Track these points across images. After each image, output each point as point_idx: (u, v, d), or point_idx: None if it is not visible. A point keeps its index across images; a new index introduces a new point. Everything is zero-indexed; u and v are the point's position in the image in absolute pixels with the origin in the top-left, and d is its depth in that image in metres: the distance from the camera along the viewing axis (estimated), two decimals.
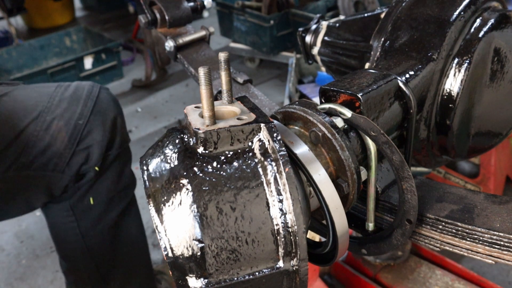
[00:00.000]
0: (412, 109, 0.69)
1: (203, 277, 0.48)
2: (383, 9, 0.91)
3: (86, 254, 1.30)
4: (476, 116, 0.81)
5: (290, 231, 0.48)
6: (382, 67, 0.76)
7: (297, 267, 0.49)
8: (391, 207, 0.68)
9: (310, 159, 0.55)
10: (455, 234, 0.63)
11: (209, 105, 0.51)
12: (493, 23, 0.77)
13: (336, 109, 0.62)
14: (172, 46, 1.14)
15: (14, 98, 1.16)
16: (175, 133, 0.55)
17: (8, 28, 3.77)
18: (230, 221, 0.48)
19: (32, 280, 1.97)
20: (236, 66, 3.70)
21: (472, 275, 1.55)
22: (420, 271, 1.59)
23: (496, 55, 0.80)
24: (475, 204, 0.65)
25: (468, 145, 0.84)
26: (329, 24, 1.06)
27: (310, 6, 3.39)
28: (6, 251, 2.13)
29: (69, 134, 1.15)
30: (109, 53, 3.50)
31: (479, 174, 1.99)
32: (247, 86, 1.02)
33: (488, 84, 0.81)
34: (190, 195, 0.48)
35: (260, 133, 0.51)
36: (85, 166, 1.18)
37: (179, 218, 0.48)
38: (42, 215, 2.27)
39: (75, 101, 1.19)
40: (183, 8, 1.15)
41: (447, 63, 0.76)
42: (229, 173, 0.49)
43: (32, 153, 1.12)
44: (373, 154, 0.62)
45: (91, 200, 1.24)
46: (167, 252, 0.48)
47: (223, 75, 0.56)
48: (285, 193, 0.48)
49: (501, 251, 0.59)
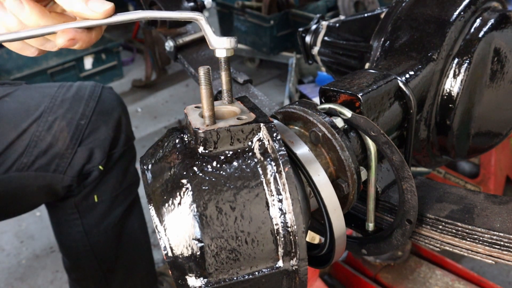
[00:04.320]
0: (412, 109, 0.69)
1: (203, 277, 0.48)
2: (383, 9, 0.91)
3: (89, 252, 1.31)
4: (476, 116, 0.81)
5: (290, 231, 0.48)
6: (382, 67, 0.76)
7: (297, 267, 0.49)
8: (391, 207, 0.68)
9: (310, 159, 0.55)
10: (455, 234, 0.63)
11: (209, 105, 0.51)
12: (493, 23, 0.77)
13: (336, 109, 0.62)
14: (172, 46, 1.14)
15: (16, 99, 1.16)
16: (175, 133, 0.55)
17: None
18: (230, 220, 0.48)
19: (32, 280, 1.97)
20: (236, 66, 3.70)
21: (472, 275, 1.55)
22: (420, 271, 1.59)
23: (496, 55, 0.80)
24: (475, 204, 0.65)
25: (468, 145, 0.84)
26: (329, 24, 1.06)
27: (310, 6, 3.39)
28: (6, 251, 2.13)
29: (71, 134, 1.15)
30: (109, 53, 3.50)
31: (479, 174, 1.99)
32: (247, 86, 1.02)
33: (488, 84, 0.81)
34: (189, 195, 0.48)
35: (260, 133, 0.51)
36: (88, 166, 1.18)
37: (179, 218, 0.48)
38: (42, 215, 2.29)
39: (77, 101, 1.20)
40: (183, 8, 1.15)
41: (447, 63, 0.76)
42: (228, 172, 0.49)
43: (33, 153, 1.12)
44: (373, 154, 0.62)
45: (96, 198, 1.25)
46: (166, 252, 0.48)
47: (223, 75, 0.56)
48: (285, 193, 0.48)
49: (501, 251, 0.59)
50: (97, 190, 1.24)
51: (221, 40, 0.53)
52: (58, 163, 1.15)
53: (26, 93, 1.19)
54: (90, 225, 1.28)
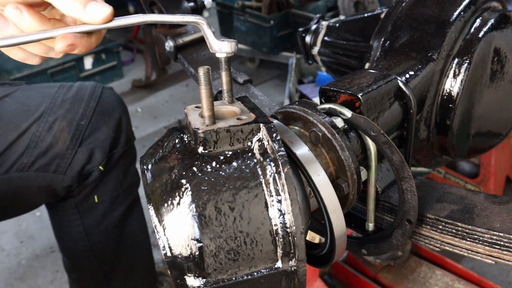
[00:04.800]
0: (412, 109, 0.69)
1: (202, 277, 0.48)
2: (383, 9, 0.91)
3: (89, 252, 1.31)
4: (476, 116, 0.81)
5: (289, 232, 0.48)
6: (382, 67, 0.76)
7: (296, 267, 0.49)
8: (391, 207, 0.68)
9: (310, 159, 0.55)
10: (455, 234, 0.63)
11: (208, 105, 0.51)
12: (493, 23, 0.77)
13: (336, 109, 0.62)
14: (172, 46, 1.14)
15: (17, 99, 1.16)
16: (175, 133, 0.55)
17: None
18: (229, 221, 0.48)
19: (32, 280, 1.97)
20: (236, 66, 3.70)
21: (472, 275, 1.55)
22: (420, 271, 1.59)
23: (496, 55, 0.79)
24: (475, 204, 0.65)
25: (468, 145, 0.84)
26: (329, 24, 1.06)
27: (310, 6, 3.39)
28: (6, 251, 2.13)
29: (71, 134, 1.15)
30: (109, 53, 3.50)
31: (479, 174, 1.99)
32: (247, 86, 1.02)
33: (488, 84, 0.80)
34: (189, 195, 0.48)
35: (260, 133, 0.51)
36: (89, 166, 1.18)
37: (178, 218, 0.48)
38: (42, 215, 2.29)
39: (77, 102, 1.20)
40: (183, 8, 1.15)
41: (447, 63, 0.76)
42: (228, 173, 0.49)
43: (34, 153, 1.12)
44: (373, 154, 0.62)
45: (96, 198, 1.25)
46: (165, 252, 0.48)
47: (223, 75, 0.56)
48: (284, 194, 0.48)
49: (501, 251, 0.59)
50: (97, 191, 1.24)
51: (222, 44, 0.53)
52: (59, 164, 1.15)
53: (26, 94, 1.19)
54: (90, 226, 1.28)
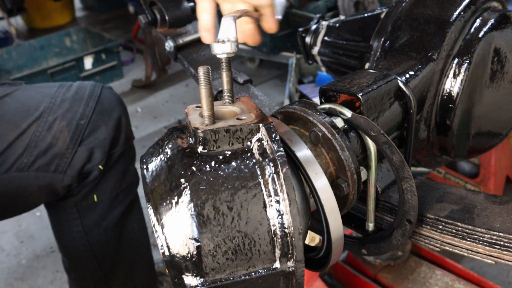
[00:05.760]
0: (412, 109, 0.69)
1: (199, 276, 0.48)
2: (383, 9, 0.90)
3: (89, 252, 1.31)
4: (476, 116, 0.81)
5: (287, 232, 0.48)
6: (382, 67, 0.76)
7: (294, 268, 0.49)
8: (391, 207, 0.67)
9: (309, 159, 0.55)
10: (455, 234, 0.63)
11: (208, 104, 0.51)
12: (493, 23, 0.77)
13: (336, 109, 0.62)
14: (172, 46, 1.14)
15: (16, 99, 1.16)
16: (175, 132, 0.55)
17: (8, 28, 3.76)
18: (227, 220, 0.48)
19: (32, 280, 1.97)
20: (236, 66, 3.70)
21: (472, 275, 1.55)
22: (420, 271, 1.59)
23: (496, 55, 0.79)
24: (475, 204, 0.65)
25: (468, 145, 0.84)
26: (329, 24, 1.06)
27: (310, 6, 3.38)
28: (6, 251, 2.13)
29: (71, 134, 1.16)
30: (109, 53, 3.50)
31: (479, 174, 1.99)
32: (247, 86, 1.01)
33: (488, 84, 0.80)
34: (187, 194, 0.48)
35: (259, 133, 0.51)
36: (88, 165, 1.18)
37: (176, 217, 0.48)
38: (42, 215, 2.29)
39: (77, 101, 1.20)
40: (183, 8, 1.15)
41: (447, 63, 0.76)
42: (227, 172, 0.49)
43: (34, 153, 1.12)
44: (373, 154, 0.62)
45: (95, 198, 1.25)
46: (163, 250, 0.48)
47: (224, 75, 0.56)
48: (282, 194, 0.48)
49: (501, 251, 0.59)
50: (96, 190, 1.24)
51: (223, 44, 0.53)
52: (58, 163, 1.15)
53: (26, 93, 1.19)
54: (89, 225, 1.28)
